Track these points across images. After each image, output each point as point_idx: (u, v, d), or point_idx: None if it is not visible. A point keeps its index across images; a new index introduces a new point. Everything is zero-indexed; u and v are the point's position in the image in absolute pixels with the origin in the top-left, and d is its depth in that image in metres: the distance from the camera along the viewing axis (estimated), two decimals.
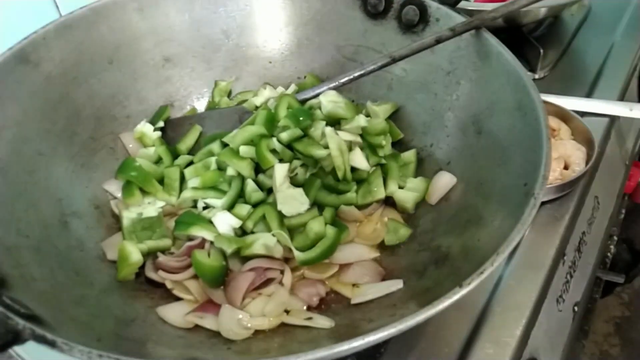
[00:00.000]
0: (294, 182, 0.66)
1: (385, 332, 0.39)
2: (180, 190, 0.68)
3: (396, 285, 0.57)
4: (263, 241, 0.59)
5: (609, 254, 1.05)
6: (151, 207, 0.65)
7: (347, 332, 0.53)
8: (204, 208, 0.66)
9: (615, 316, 1.97)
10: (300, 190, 0.63)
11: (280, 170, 0.63)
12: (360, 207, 0.67)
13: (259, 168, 0.67)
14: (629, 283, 1.82)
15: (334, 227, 0.63)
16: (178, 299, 0.60)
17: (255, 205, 0.64)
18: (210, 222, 0.62)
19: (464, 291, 0.42)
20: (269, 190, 0.66)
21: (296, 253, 0.60)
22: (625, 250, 1.51)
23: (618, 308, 1.99)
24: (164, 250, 0.63)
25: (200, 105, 0.82)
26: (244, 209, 0.63)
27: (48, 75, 0.67)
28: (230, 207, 0.64)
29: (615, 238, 1.07)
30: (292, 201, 0.62)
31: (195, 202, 0.68)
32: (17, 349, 0.57)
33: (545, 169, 0.50)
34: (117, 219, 0.67)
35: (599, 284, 1.03)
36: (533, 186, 0.50)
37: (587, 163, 0.79)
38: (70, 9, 0.70)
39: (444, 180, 0.67)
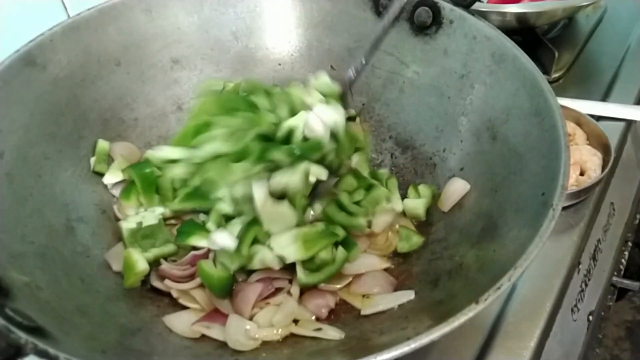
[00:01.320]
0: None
1: (398, 351, 0.38)
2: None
3: (407, 296, 0.55)
4: (261, 256, 0.57)
5: (623, 260, 1.03)
6: (150, 215, 0.63)
7: (358, 345, 0.51)
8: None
9: (627, 320, 1.95)
10: (285, 204, 0.58)
11: (260, 192, 0.56)
12: None
13: None
14: None
15: (344, 246, 0.60)
16: (185, 307, 0.59)
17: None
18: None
19: (480, 307, 0.41)
20: None
21: (299, 274, 0.58)
22: (638, 254, 1.48)
23: (629, 312, 1.97)
24: (167, 257, 0.62)
25: None
26: (235, 226, 0.59)
27: (55, 78, 0.66)
28: (219, 224, 0.61)
29: (630, 244, 1.05)
30: (280, 218, 0.58)
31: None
32: None
33: (564, 179, 0.49)
34: None
35: (613, 291, 1.01)
36: (551, 196, 0.48)
37: (603, 169, 0.77)
38: (79, 10, 0.69)
39: (457, 187, 0.65)
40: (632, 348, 1.82)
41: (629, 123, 0.90)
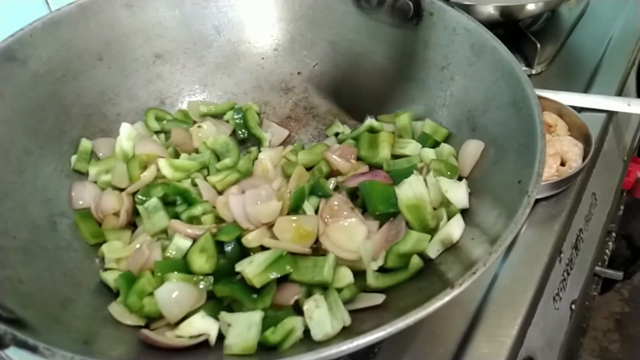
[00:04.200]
0: None
1: (374, 336, 0.39)
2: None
3: (377, 299, 0.53)
4: None
5: (607, 251, 1.04)
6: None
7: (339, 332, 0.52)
8: None
9: (615, 312, 1.96)
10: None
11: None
12: None
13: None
14: (628, 279, 1.81)
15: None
16: None
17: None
18: None
19: (455, 292, 0.41)
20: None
21: (369, 279, 0.55)
22: (624, 246, 1.50)
23: (618, 304, 1.98)
24: None
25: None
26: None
27: (36, 73, 0.66)
28: None
29: (614, 234, 1.06)
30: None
31: None
32: (9, 353, 0.56)
33: (539, 167, 0.50)
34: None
35: (597, 281, 1.02)
36: (527, 184, 0.49)
37: (584, 159, 0.78)
38: (61, 4, 0.69)
39: (472, 148, 0.64)
40: (621, 339, 1.84)
41: (610, 114, 0.91)
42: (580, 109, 0.89)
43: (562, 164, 0.78)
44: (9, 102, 0.62)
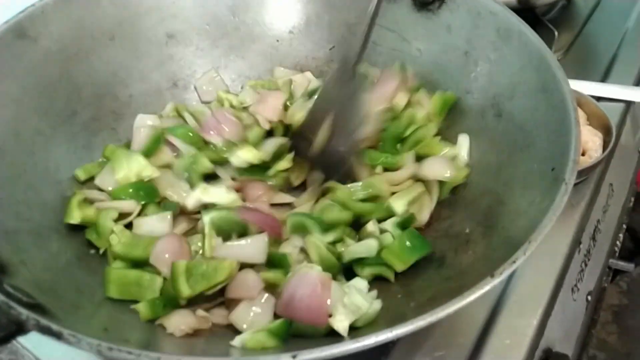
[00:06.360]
0: None
1: (414, 325, 0.37)
2: None
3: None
4: None
5: (618, 243, 1.03)
6: None
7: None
8: None
9: (613, 304, 1.97)
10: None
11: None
12: None
13: None
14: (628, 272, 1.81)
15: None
16: None
17: None
18: None
19: (495, 281, 0.40)
20: None
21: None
22: (628, 238, 1.49)
23: (616, 296, 1.98)
24: None
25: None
26: None
27: (47, 51, 0.63)
28: None
29: (625, 226, 1.05)
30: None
31: None
32: (21, 340, 0.54)
33: (575, 154, 0.48)
34: None
35: (608, 273, 1.01)
36: (563, 171, 0.47)
37: (603, 149, 0.76)
38: None
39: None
40: (619, 332, 1.84)
41: (628, 104, 0.89)
42: (598, 99, 0.87)
43: (582, 153, 0.77)
44: (20, 81, 0.60)
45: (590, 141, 0.77)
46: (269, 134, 0.71)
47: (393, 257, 0.55)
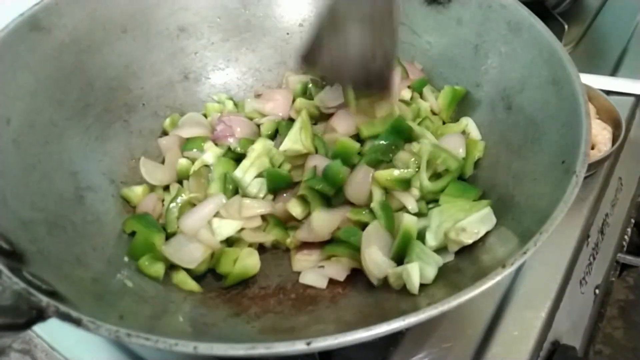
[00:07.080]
0: None
1: (426, 314, 0.38)
2: None
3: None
4: None
5: (626, 237, 1.03)
6: None
7: (375, 312, 0.51)
8: None
9: (620, 299, 1.96)
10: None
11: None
12: None
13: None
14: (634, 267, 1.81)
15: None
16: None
17: None
18: None
19: (507, 271, 0.40)
20: None
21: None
22: (635, 233, 1.49)
23: (622, 291, 1.98)
24: None
25: (216, 78, 0.79)
26: None
27: (61, 43, 0.64)
28: None
29: (633, 220, 1.05)
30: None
31: None
32: (35, 328, 0.55)
33: (585, 146, 0.48)
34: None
35: (616, 267, 1.01)
36: (573, 163, 0.48)
37: (613, 143, 0.76)
38: None
39: None
40: (625, 327, 1.84)
41: (638, 98, 0.89)
42: (608, 92, 0.87)
43: (591, 147, 0.77)
44: (35, 72, 0.61)
45: (600, 135, 0.77)
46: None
47: None
